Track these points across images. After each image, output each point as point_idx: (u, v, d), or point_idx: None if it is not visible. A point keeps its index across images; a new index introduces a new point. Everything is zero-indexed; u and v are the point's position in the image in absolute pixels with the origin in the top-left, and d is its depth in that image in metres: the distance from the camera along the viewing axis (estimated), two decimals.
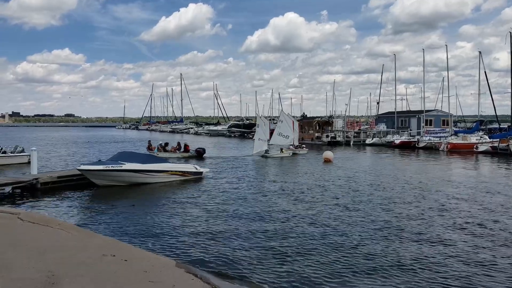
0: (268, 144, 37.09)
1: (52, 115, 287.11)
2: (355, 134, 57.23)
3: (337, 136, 56.07)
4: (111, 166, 19.09)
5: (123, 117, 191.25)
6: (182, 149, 34.69)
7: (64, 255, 7.94)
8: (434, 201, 16.30)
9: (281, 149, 35.78)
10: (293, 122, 39.21)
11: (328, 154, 33.36)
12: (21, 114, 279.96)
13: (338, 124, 62.49)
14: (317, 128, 59.32)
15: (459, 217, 13.71)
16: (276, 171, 26.24)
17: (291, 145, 38.65)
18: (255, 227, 12.10)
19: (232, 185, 20.04)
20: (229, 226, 12.21)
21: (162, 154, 32.59)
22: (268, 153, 34.62)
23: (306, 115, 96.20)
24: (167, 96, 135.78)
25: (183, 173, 21.58)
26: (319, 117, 67.48)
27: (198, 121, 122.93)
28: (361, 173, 25.23)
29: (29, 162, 23.76)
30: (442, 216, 13.72)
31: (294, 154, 37.58)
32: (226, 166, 28.16)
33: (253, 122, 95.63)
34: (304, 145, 40.05)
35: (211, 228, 12.07)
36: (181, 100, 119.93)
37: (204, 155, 34.17)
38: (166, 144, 35.68)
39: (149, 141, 38.33)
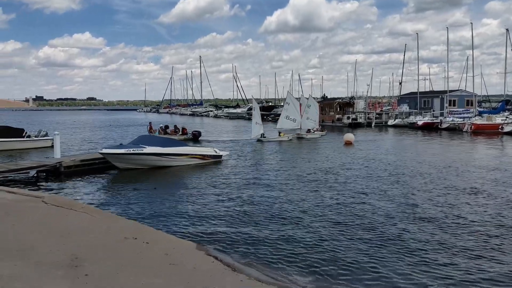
0: (275, 128, 36.77)
1: (74, 99, 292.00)
2: (377, 116, 56.38)
3: (358, 117, 55.38)
4: (133, 150, 19.31)
5: (144, 100, 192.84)
6: (180, 132, 35.06)
7: (87, 238, 8.09)
8: (459, 185, 15.94)
9: (279, 133, 35.14)
10: (300, 104, 38.60)
11: (349, 136, 32.99)
12: (44, 98, 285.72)
13: (360, 105, 61.62)
14: (338, 109, 58.63)
15: (489, 202, 13.35)
16: (294, 155, 26.03)
17: (310, 129, 38.17)
18: (276, 212, 12.02)
19: (251, 169, 20.03)
20: (249, 211, 12.20)
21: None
22: (264, 137, 33.81)
23: (326, 96, 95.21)
24: (187, 78, 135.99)
25: (203, 157, 21.68)
26: (340, 98, 66.77)
27: (218, 104, 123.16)
28: (383, 155, 24.89)
29: (52, 146, 24.20)
30: (468, 202, 13.25)
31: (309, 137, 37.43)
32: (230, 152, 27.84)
33: (272, 104, 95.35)
34: (317, 128, 39.10)
35: (231, 212, 12.10)
36: (201, 83, 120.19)
37: (200, 138, 34.53)
38: (167, 126, 36.09)
39: (150, 123, 38.66)
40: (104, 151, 19.44)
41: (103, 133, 46.33)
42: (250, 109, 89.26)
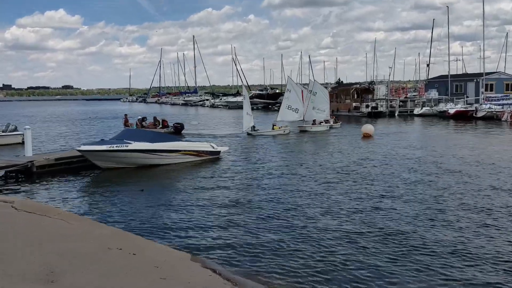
0: (276, 121, 36.89)
1: (47, 87, 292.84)
2: (401, 103, 56.39)
3: (379, 105, 55.39)
4: (116, 146, 19.41)
5: (129, 88, 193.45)
6: (160, 125, 35.20)
7: (64, 249, 8.14)
8: (498, 185, 15.83)
9: (273, 126, 35.14)
10: (302, 91, 38.50)
11: (368, 127, 33.01)
12: (12, 87, 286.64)
13: (381, 91, 61.54)
14: (355, 96, 58.67)
15: None
16: (304, 150, 26.19)
17: (315, 120, 38.08)
18: (282, 219, 12.04)
19: (253, 168, 20.11)
20: (252, 217, 12.27)
21: None
22: (254, 130, 33.84)
23: (341, 81, 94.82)
24: (178, 62, 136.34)
25: (198, 153, 21.77)
26: (357, 83, 66.53)
27: (215, 92, 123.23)
28: (407, 150, 24.86)
29: (23, 143, 24.33)
30: (508, 207, 13.19)
31: (330, 128, 37.85)
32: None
33: (279, 91, 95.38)
34: (328, 120, 39.10)
35: (230, 218, 12.14)
36: (194, 67, 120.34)
37: (183, 132, 34.71)
38: (144, 118, 36.23)
39: (126, 115, 38.90)
40: (83, 148, 19.56)
41: (82, 127, 46.53)
42: (253, 97, 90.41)
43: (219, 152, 22.82)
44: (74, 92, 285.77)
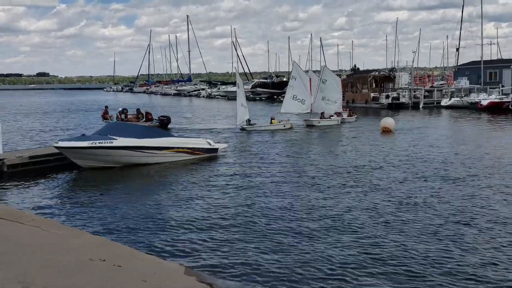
0: (279, 113, 36.97)
1: (19, 75, 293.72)
2: (426, 93, 56.38)
3: (401, 96, 55.39)
4: (99, 142, 19.43)
5: (113, 76, 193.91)
6: (143, 118, 35.31)
7: (39, 260, 8.16)
8: None
9: (271, 120, 35.11)
10: (310, 79, 38.32)
11: (388, 121, 33.00)
12: None
13: (403, 79, 61.45)
14: (374, 85, 58.67)
15: None
16: (310, 148, 26.14)
17: (335, 113, 38.12)
18: (286, 226, 12.02)
19: (255, 167, 20.13)
20: (253, 225, 12.28)
21: None
22: (249, 125, 33.91)
23: (358, 68, 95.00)
24: (170, 47, 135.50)
25: (193, 151, 21.80)
26: (376, 70, 66.49)
27: (212, 80, 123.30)
28: (433, 149, 24.74)
29: None
30: None
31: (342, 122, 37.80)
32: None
33: (286, 79, 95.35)
34: (340, 112, 39.07)
35: (229, 225, 12.16)
36: (189, 52, 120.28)
37: (170, 126, 34.78)
38: (125, 110, 36.46)
39: (106, 106, 39.16)
40: (61, 144, 19.60)
41: (59, 120, 46.64)
42: (256, 86, 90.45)
43: (216, 149, 22.85)
44: (50, 81, 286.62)
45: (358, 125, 36.49)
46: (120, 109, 37.17)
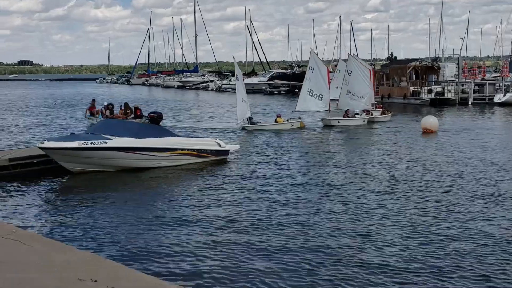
0: (294, 111, 36.88)
1: None
2: (477, 88, 56.02)
3: (446, 90, 55.02)
4: (91, 143, 19.45)
5: (108, 66, 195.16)
6: (132, 114, 35.44)
7: (20, 279, 8.19)
8: None
9: (276, 118, 35.07)
10: (328, 70, 38.18)
11: (430, 121, 32.81)
12: None
13: (448, 71, 60.91)
14: (414, 77, 58.38)
15: None
16: (332, 151, 26.19)
17: (363, 111, 37.81)
18: (301, 248, 11.91)
19: (270, 174, 20.05)
20: (264, 241, 12.27)
21: None
22: (251, 123, 33.86)
23: (395, 57, 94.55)
24: (174, 31, 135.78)
25: (200, 153, 21.80)
26: (416, 59, 66.14)
27: (222, 70, 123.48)
28: (485, 153, 24.46)
29: None
30: None
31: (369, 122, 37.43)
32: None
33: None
34: (368, 111, 38.63)
35: (237, 244, 12.08)
36: (195, 38, 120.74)
37: (161, 123, 34.79)
38: (111, 105, 36.70)
39: (93, 100, 39.23)
40: (47, 144, 19.62)
41: (45, 116, 47.00)
42: (274, 77, 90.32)
43: (227, 151, 22.85)
44: (34, 70, 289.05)
45: (392, 126, 36.21)
46: (105, 103, 37.25)
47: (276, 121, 34.66)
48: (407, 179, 18.68)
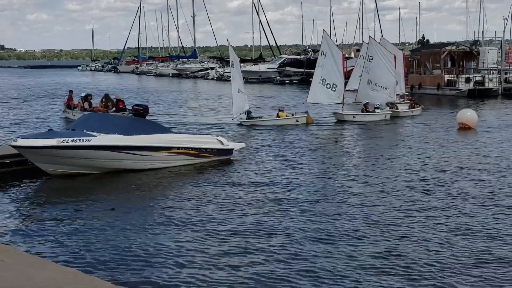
0: (305, 104, 36.90)
1: None
2: None
3: (486, 79, 54.83)
4: (72, 140, 19.46)
5: (91, 50, 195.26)
6: (113, 107, 35.60)
7: None
8: None
9: (279, 110, 35.10)
10: (343, 55, 37.97)
11: (467, 115, 32.84)
12: None
13: (490, 56, 60.76)
14: (449, 64, 58.22)
15: None
16: (352, 150, 26.18)
17: (366, 104, 37.22)
18: (315, 267, 11.88)
19: (281, 178, 20.00)
20: (272, 251, 12.34)
21: (79, 115, 34.65)
22: (250, 117, 34.02)
23: (427, 40, 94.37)
24: (168, 10, 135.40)
25: (199, 152, 21.83)
26: (452, 43, 65.93)
27: (225, 56, 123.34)
28: None
29: None
30: None
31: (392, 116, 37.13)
32: None
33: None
34: (391, 104, 38.31)
35: (245, 263, 12.03)
36: (193, 18, 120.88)
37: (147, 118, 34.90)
38: (89, 97, 37.06)
39: (70, 91, 39.51)
40: (21, 142, 19.57)
41: (18, 110, 47.09)
42: (285, 64, 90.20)
43: (231, 151, 22.90)
44: (5, 55, 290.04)
45: (422, 121, 36.22)
46: (83, 94, 37.35)
47: (278, 116, 34.59)
48: (439, 185, 18.55)
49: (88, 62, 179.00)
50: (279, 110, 35.23)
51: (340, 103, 36.71)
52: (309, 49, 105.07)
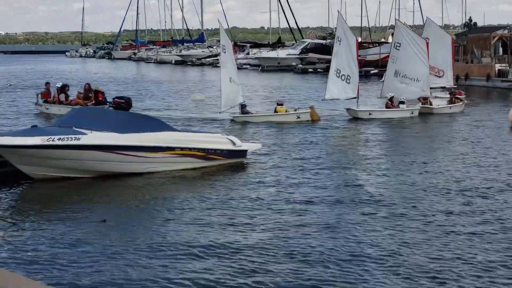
0: (324, 100, 36.94)
1: None
2: None
3: None
4: (59, 139, 19.46)
5: (81, 33, 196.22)
6: (91, 99, 35.90)
7: None
8: None
9: (277, 105, 35.09)
10: (356, 41, 37.71)
11: None
12: None
13: None
14: (500, 51, 57.98)
15: None
16: (379, 151, 26.13)
17: (391, 98, 36.78)
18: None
19: (300, 185, 19.93)
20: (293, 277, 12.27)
21: (53, 108, 36.18)
22: (244, 113, 34.12)
23: (474, 23, 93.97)
24: None
25: (207, 153, 21.84)
26: (504, 27, 65.67)
27: (236, 40, 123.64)
28: None
29: None
30: None
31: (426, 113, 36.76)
32: None
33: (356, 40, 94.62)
34: (424, 99, 38.00)
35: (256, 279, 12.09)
36: None
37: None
38: (65, 87, 37.80)
39: (47, 83, 40.33)
40: (0, 141, 19.76)
41: (9, 102, 47.39)
42: (308, 50, 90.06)
43: (244, 152, 22.88)
44: None
45: (464, 119, 35.94)
46: (59, 84, 37.86)
47: (275, 111, 34.61)
48: (484, 193, 18.43)
49: (78, 47, 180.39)
50: (278, 104, 35.10)
51: (355, 98, 36.48)
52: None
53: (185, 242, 14.11)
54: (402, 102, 36.35)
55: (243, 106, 34.34)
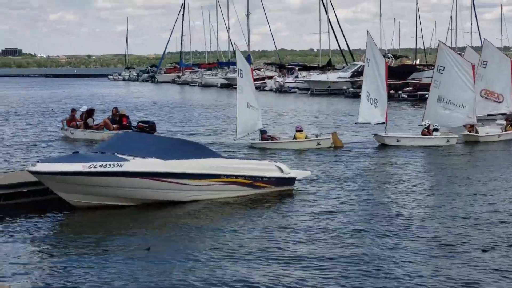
0: (357, 124, 37.01)
1: None
2: None
3: None
4: (101, 165, 19.59)
5: (125, 56, 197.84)
6: (116, 123, 36.41)
7: None
8: None
9: (296, 131, 34.90)
10: (386, 63, 37.27)
11: None
12: None
13: None
14: None
15: None
16: (411, 182, 25.41)
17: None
18: None
19: (346, 213, 19.87)
20: None
21: (78, 133, 36.79)
22: (262, 139, 34.08)
23: None
24: (218, 7, 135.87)
25: (254, 181, 21.85)
26: None
27: (286, 63, 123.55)
28: None
29: None
30: None
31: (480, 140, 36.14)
32: None
33: (410, 62, 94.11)
34: (509, 117, 37.37)
35: None
36: (247, 16, 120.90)
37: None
38: (91, 111, 38.53)
39: (73, 110, 40.69)
40: (40, 167, 19.70)
41: (37, 127, 47.72)
42: (360, 73, 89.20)
43: (293, 180, 22.85)
44: (23, 62, 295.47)
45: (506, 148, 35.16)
46: (84, 109, 38.20)
47: (295, 138, 34.66)
48: None
49: (121, 70, 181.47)
50: (297, 131, 35.10)
51: (383, 123, 36.19)
52: (389, 55, 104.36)
53: (231, 275, 14.04)
54: (436, 130, 35.84)
55: (262, 132, 34.41)
